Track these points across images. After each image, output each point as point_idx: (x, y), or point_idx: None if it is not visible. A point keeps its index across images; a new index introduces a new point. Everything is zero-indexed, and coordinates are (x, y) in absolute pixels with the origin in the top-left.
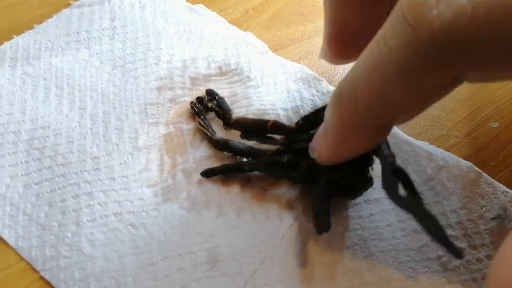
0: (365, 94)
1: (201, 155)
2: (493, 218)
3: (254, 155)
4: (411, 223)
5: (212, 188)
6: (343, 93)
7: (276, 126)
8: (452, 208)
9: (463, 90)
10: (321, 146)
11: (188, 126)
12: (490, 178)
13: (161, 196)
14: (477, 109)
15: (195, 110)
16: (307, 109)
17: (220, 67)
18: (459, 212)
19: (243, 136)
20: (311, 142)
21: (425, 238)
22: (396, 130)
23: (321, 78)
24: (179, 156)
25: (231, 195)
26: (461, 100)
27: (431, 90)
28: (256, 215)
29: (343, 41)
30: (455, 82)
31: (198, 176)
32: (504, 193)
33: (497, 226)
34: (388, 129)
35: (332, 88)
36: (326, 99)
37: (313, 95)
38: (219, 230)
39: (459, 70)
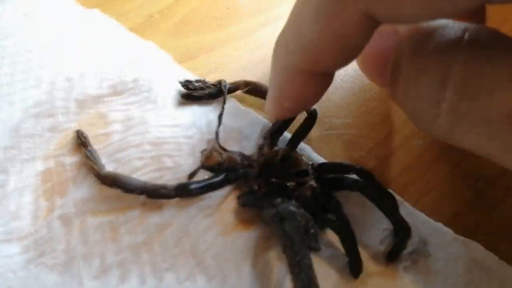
0: (291, 36)
1: (83, 196)
2: (412, 252)
3: (148, 191)
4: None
5: (96, 236)
6: (278, 39)
7: None
8: (369, 243)
9: (386, 106)
10: (267, 99)
11: (72, 159)
12: (411, 207)
13: (33, 250)
14: (400, 125)
15: (81, 139)
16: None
17: (114, 86)
18: (377, 247)
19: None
20: None
21: None
22: (313, 154)
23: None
24: (58, 197)
25: (118, 244)
26: (384, 116)
27: (343, 28)
28: (144, 268)
29: None
30: (366, 20)
31: (79, 222)
32: (425, 224)
33: (414, 262)
34: (324, 78)
35: (244, 108)
36: (237, 120)
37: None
38: None
39: (365, 4)
